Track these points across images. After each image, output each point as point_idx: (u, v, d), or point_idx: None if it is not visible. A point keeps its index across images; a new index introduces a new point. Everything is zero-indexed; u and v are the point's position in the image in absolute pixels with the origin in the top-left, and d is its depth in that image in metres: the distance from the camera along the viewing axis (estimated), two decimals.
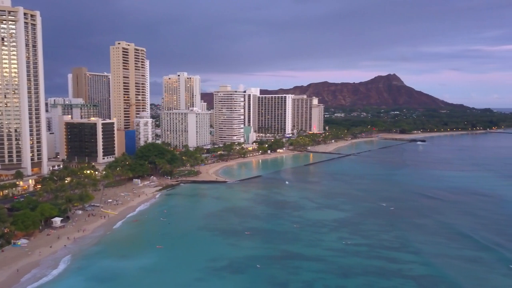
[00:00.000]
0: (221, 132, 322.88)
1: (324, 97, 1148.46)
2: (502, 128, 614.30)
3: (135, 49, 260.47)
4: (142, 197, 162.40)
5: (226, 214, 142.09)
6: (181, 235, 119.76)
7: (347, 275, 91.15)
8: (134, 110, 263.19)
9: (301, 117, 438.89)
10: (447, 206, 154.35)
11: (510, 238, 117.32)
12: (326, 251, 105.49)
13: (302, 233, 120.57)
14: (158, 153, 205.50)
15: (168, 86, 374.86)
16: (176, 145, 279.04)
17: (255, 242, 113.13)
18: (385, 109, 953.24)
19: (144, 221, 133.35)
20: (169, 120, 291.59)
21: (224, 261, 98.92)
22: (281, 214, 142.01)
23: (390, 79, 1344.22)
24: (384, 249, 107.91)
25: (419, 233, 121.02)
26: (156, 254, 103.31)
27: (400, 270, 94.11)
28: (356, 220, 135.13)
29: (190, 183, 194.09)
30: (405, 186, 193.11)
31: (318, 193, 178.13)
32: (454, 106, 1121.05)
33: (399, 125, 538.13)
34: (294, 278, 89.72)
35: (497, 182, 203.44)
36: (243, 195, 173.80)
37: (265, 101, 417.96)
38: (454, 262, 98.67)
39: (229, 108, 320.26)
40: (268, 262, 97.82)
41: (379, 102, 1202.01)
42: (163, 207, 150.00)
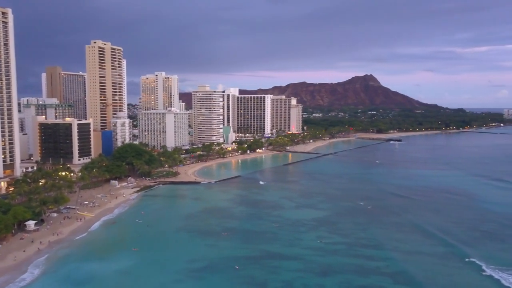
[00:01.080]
0: (200, 133, 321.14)
1: (302, 97, 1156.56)
2: (474, 128, 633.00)
3: (111, 48, 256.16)
4: (119, 198, 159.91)
5: (205, 215, 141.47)
6: (160, 236, 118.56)
7: (326, 274, 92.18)
8: (111, 110, 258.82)
9: (280, 117, 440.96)
10: (422, 204, 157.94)
11: (477, 236, 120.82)
12: (305, 250, 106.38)
13: (281, 233, 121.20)
14: (135, 154, 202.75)
15: (145, 86, 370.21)
16: (154, 145, 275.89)
17: (234, 242, 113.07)
18: (362, 109, 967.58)
19: (122, 223, 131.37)
20: (147, 121, 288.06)
21: (203, 262, 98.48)
22: (260, 214, 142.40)
23: (367, 79, 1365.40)
24: (361, 247, 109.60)
25: (396, 231, 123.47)
26: (133, 256, 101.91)
27: (378, 268, 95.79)
28: (335, 219, 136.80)
29: (168, 184, 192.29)
30: (382, 185, 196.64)
31: (297, 193, 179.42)
32: (428, 106, 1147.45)
33: (375, 125, 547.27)
34: (273, 277, 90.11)
35: (469, 180, 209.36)
36: (222, 195, 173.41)
37: (244, 101, 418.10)
38: (426, 259, 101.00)
39: (208, 108, 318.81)
40: (247, 262, 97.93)
41: (356, 102, 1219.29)
42: (141, 209, 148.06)
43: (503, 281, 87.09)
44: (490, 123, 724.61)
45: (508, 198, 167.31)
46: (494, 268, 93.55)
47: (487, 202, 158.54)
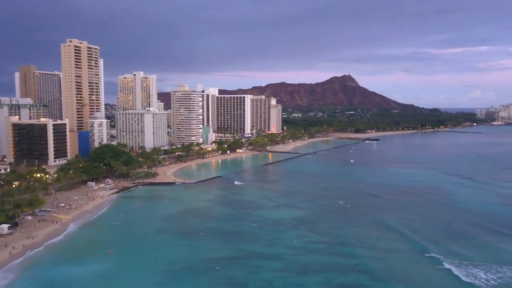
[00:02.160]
0: (179, 133, 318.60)
1: (282, 97, 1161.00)
2: (448, 127, 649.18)
3: (88, 47, 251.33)
4: (97, 200, 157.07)
5: (185, 216, 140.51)
6: (139, 238, 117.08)
7: (306, 273, 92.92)
8: (88, 110, 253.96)
9: (260, 117, 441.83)
10: (397, 203, 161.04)
11: (445, 234, 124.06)
12: (285, 250, 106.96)
13: (261, 233, 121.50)
14: (113, 154, 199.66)
15: (123, 85, 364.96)
16: (132, 146, 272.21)
17: (214, 243, 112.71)
18: (340, 109, 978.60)
19: (100, 225, 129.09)
20: (125, 121, 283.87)
21: (183, 263, 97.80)
22: (241, 214, 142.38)
23: (345, 80, 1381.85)
24: (341, 245, 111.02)
25: (374, 229, 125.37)
26: (112, 258, 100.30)
27: (356, 265, 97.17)
28: (314, 218, 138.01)
29: (147, 185, 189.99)
30: (361, 184, 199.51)
31: (277, 192, 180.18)
32: (405, 106, 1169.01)
33: (354, 124, 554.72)
34: (254, 277, 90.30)
35: (442, 179, 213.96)
36: (202, 196, 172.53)
37: (224, 101, 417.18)
38: (403, 256, 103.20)
39: (187, 108, 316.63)
40: (228, 263, 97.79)
41: (335, 102, 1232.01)
42: (120, 210, 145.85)
43: (462, 277, 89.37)
44: (464, 122, 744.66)
45: (477, 197, 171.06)
46: (457, 264, 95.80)
47: (458, 201, 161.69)
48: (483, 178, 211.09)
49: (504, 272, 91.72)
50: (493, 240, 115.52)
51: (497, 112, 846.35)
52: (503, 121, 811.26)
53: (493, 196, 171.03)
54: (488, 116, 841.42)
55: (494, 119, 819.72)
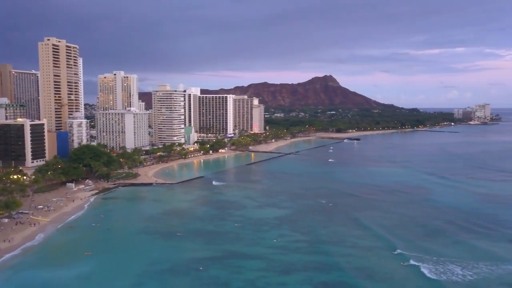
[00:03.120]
0: (161, 133, 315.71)
1: (264, 97, 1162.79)
2: (427, 127, 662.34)
3: (66, 46, 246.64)
4: (76, 202, 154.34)
5: (167, 217, 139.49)
6: (120, 239, 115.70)
7: (288, 272, 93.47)
8: (67, 110, 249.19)
9: (242, 117, 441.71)
10: (380, 201, 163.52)
11: (420, 232, 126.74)
12: (267, 249, 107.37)
13: (244, 232, 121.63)
14: (93, 155, 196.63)
15: (103, 85, 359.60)
16: (113, 146, 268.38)
17: (197, 243, 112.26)
18: (322, 109, 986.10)
19: (79, 227, 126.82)
20: (105, 121, 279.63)
21: (165, 264, 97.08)
22: (223, 215, 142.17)
23: (327, 80, 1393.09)
24: (323, 244, 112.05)
25: (355, 228, 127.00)
26: (93, 261, 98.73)
27: (338, 264, 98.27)
28: (296, 217, 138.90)
29: (128, 186, 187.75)
30: (343, 183, 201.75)
31: (259, 192, 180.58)
32: (385, 106, 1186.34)
33: (335, 124, 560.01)
34: (236, 277, 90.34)
35: (420, 178, 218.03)
36: (184, 196, 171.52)
37: (206, 101, 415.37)
38: (383, 253, 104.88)
39: (169, 108, 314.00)
40: (210, 263, 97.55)
41: (316, 102, 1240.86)
42: (100, 212, 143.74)
43: (428, 273, 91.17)
44: (442, 122, 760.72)
45: (454, 195, 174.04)
46: (432, 262, 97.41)
47: (435, 200, 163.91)
48: (460, 177, 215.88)
49: (470, 269, 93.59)
50: (466, 237, 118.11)
51: (474, 112, 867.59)
52: (479, 120, 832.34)
53: (469, 195, 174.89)
54: (465, 116, 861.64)
55: (471, 119, 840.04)
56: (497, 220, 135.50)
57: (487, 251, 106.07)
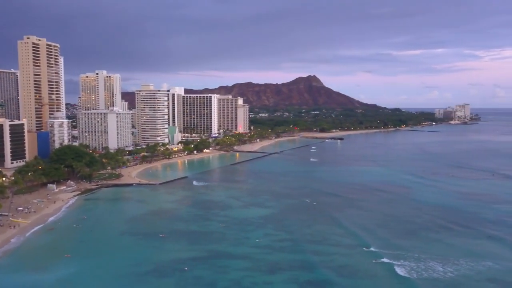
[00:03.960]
0: (144, 133, 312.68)
1: (248, 97, 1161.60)
2: (409, 126, 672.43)
3: (47, 44, 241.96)
4: (58, 203, 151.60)
5: (151, 217, 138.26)
6: (102, 241, 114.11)
7: (274, 271, 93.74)
8: (48, 110, 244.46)
9: (227, 117, 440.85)
10: (363, 200, 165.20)
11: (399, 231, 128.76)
12: (252, 249, 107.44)
13: (229, 232, 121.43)
14: (75, 156, 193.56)
15: (85, 84, 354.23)
16: (95, 147, 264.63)
17: (181, 244, 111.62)
18: (306, 109, 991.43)
19: (61, 229, 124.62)
20: (87, 121, 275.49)
21: (149, 265, 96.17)
22: (208, 215, 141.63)
23: (310, 80, 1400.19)
24: (307, 243, 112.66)
25: (339, 227, 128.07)
26: (75, 263, 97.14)
27: (322, 262, 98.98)
28: (281, 217, 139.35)
29: (111, 187, 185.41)
30: (326, 182, 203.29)
31: (244, 192, 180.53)
32: (368, 106, 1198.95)
33: (319, 124, 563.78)
34: (221, 277, 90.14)
35: (405, 177, 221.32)
36: (168, 197, 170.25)
37: (190, 101, 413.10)
38: (358, 251, 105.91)
39: (152, 108, 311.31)
40: (195, 264, 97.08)
41: (300, 102, 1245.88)
42: (82, 213, 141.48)
43: (400, 272, 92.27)
44: (423, 122, 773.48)
45: (434, 193, 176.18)
46: (401, 259, 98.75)
47: (416, 199, 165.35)
48: (441, 176, 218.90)
49: (444, 266, 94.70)
50: (445, 235, 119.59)
51: (454, 111, 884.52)
52: (460, 120, 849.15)
53: (450, 193, 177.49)
54: (446, 116, 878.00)
55: (452, 119, 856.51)
56: (476, 217, 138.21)
57: (464, 248, 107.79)
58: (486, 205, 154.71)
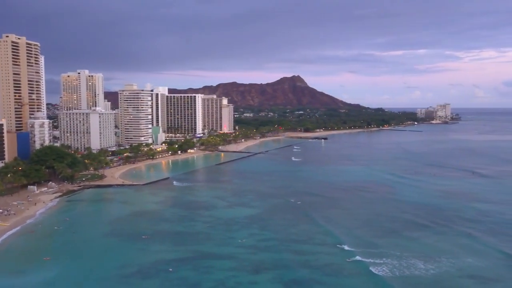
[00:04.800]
0: (128, 133, 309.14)
1: (233, 97, 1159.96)
2: (392, 126, 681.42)
3: (27, 43, 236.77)
4: (39, 205, 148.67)
5: (135, 219, 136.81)
6: (85, 243, 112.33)
7: (258, 271, 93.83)
8: (28, 110, 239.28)
9: (211, 117, 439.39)
10: (347, 198, 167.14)
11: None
12: (237, 249, 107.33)
13: (213, 233, 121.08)
14: (56, 156, 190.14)
15: (67, 84, 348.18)
16: (77, 147, 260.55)
17: (165, 245, 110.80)
18: (290, 109, 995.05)
19: (42, 231, 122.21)
20: (69, 121, 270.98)
21: (133, 267, 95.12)
22: (192, 215, 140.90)
23: (295, 80, 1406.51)
24: (292, 242, 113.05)
25: (323, 226, 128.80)
26: (58, 266, 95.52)
27: (307, 261, 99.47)
28: (266, 216, 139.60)
29: (94, 188, 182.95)
30: (310, 181, 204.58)
31: (229, 192, 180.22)
32: (351, 106, 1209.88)
33: (303, 124, 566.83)
34: (206, 277, 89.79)
35: (389, 176, 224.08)
36: (152, 198, 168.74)
37: (174, 101, 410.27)
38: (334, 250, 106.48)
39: (136, 108, 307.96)
40: (180, 264, 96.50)
41: (285, 102, 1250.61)
42: (64, 215, 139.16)
43: (375, 270, 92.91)
44: (406, 121, 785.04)
45: (415, 193, 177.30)
46: (378, 258, 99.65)
47: (398, 198, 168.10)
48: (423, 175, 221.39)
49: (420, 264, 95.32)
50: (424, 233, 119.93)
51: (436, 111, 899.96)
52: (441, 120, 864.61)
53: (432, 192, 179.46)
54: (427, 115, 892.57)
55: (433, 118, 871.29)
56: (457, 216, 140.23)
57: (444, 246, 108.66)
58: (466, 203, 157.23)
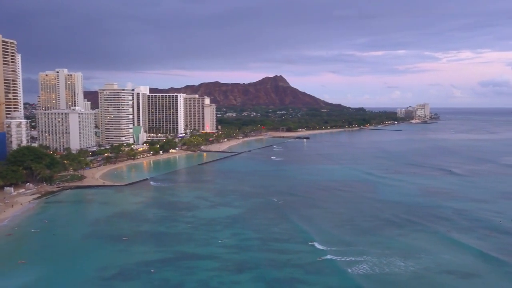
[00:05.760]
0: (108, 133, 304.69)
1: (216, 97, 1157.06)
2: (373, 125, 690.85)
3: (3, 41, 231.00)
4: (16, 207, 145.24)
5: (116, 220, 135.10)
6: (65, 245, 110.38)
7: (241, 270, 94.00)
8: (4, 110, 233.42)
9: (193, 117, 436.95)
10: (329, 197, 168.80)
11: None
12: (220, 248, 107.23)
13: (196, 233, 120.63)
14: (34, 157, 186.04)
15: (45, 83, 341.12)
16: (56, 148, 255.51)
17: (147, 246, 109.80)
18: (273, 108, 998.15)
19: (20, 234, 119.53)
20: (47, 121, 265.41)
21: (114, 269, 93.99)
22: (174, 216, 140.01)
23: (277, 80, 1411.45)
24: (274, 241, 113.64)
25: (305, 224, 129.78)
26: (37, 269, 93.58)
27: (290, 260, 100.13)
28: (249, 216, 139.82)
29: (74, 189, 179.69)
30: (293, 180, 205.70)
31: (212, 192, 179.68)
32: (333, 105, 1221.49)
33: (285, 123, 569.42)
34: (189, 278, 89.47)
35: (370, 174, 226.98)
36: (133, 198, 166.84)
37: (156, 100, 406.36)
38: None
39: (116, 108, 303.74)
40: (162, 265, 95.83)
41: (267, 102, 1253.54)
42: (43, 217, 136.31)
43: (344, 267, 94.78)
44: (386, 121, 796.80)
45: (395, 191, 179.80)
46: (346, 255, 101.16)
47: (378, 197, 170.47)
48: (403, 174, 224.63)
49: (395, 262, 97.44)
50: (404, 231, 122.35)
51: (415, 111, 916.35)
52: (420, 119, 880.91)
53: (411, 190, 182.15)
54: (407, 115, 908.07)
55: (413, 118, 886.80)
56: (434, 213, 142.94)
57: (417, 244, 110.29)
58: (444, 201, 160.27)
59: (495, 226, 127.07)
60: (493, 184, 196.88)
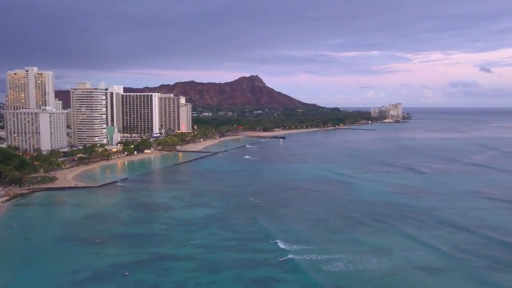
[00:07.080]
0: (81, 133, 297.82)
1: (191, 96, 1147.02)
2: (347, 125, 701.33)
3: None
4: None
5: (89, 222, 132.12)
6: (35, 249, 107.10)
7: (218, 270, 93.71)
8: None
9: (169, 116, 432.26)
10: (305, 196, 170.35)
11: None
12: (196, 249, 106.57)
13: (172, 234, 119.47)
14: (2, 158, 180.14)
15: (13, 82, 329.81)
16: (25, 149, 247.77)
17: (121, 248, 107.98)
18: (249, 108, 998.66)
19: None
20: (16, 121, 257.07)
21: (87, 272, 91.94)
22: (150, 217, 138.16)
23: (253, 80, 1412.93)
24: (251, 241, 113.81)
25: (281, 223, 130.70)
26: (7, 273, 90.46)
27: (266, 259, 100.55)
28: (226, 215, 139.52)
29: (44, 191, 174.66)
30: (269, 180, 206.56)
31: (188, 192, 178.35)
32: (308, 105, 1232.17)
33: (262, 123, 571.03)
34: (165, 279, 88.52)
35: (344, 173, 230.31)
36: (107, 200, 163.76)
37: (130, 100, 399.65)
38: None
39: (89, 107, 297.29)
40: (136, 267, 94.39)
41: (244, 102, 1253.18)
42: (12, 220, 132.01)
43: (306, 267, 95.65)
44: (360, 120, 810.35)
45: (370, 190, 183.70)
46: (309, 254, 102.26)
47: (352, 196, 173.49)
48: (376, 173, 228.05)
49: (364, 260, 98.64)
50: (377, 228, 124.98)
51: (388, 110, 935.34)
52: (393, 119, 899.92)
53: (384, 188, 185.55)
54: (380, 115, 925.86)
55: (386, 117, 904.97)
56: (405, 211, 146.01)
57: (386, 243, 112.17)
58: (415, 199, 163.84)
59: (464, 224, 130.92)
60: (460, 182, 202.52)
